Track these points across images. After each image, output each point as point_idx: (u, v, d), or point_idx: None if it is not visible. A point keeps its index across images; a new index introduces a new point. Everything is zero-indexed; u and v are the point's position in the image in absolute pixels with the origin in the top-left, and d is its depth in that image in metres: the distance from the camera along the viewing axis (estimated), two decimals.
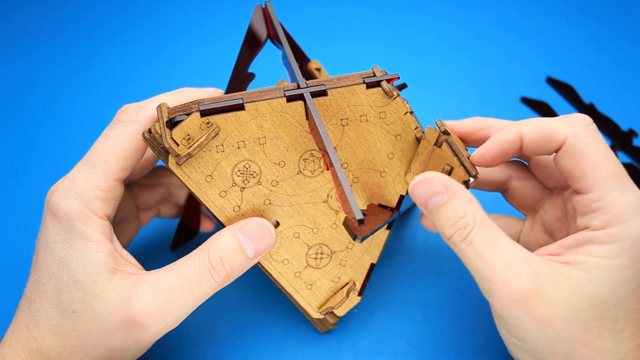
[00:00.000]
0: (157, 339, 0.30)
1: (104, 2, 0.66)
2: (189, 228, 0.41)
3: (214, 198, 0.30)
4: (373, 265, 0.36)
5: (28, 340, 0.29)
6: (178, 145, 0.28)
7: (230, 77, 0.36)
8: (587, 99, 0.53)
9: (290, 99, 0.29)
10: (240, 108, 0.29)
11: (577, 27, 0.60)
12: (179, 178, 0.29)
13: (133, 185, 0.38)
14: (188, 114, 0.28)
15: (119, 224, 0.37)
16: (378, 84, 0.31)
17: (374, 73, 0.31)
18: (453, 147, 0.30)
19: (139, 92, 0.55)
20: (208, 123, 0.28)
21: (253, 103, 0.29)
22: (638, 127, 0.51)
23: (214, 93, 0.33)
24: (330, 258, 0.34)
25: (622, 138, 0.49)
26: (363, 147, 0.32)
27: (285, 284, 0.34)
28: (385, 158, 0.33)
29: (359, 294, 0.36)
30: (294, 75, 0.31)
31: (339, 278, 0.35)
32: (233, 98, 0.29)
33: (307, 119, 0.30)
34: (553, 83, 0.55)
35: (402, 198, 0.34)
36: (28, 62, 0.59)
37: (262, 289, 0.40)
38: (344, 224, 0.29)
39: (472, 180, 0.30)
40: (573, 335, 0.26)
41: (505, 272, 0.26)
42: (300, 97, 0.30)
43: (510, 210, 0.37)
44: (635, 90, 0.54)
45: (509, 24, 0.61)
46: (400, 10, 0.63)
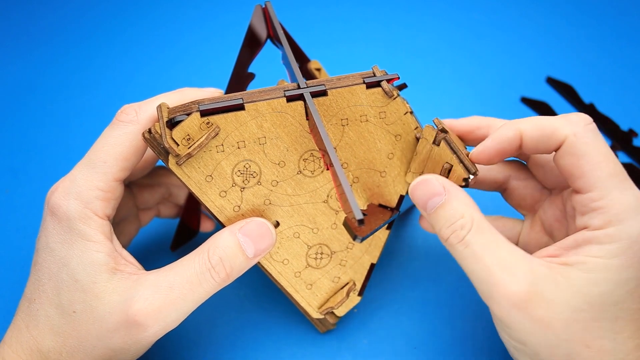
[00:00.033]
0: (157, 339, 0.30)
1: (104, 2, 0.66)
2: (189, 228, 0.41)
3: (214, 198, 0.30)
4: (373, 265, 0.36)
5: (28, 340, 0.29)
6: (178, 145, 0.28)
7: (230, 77, 0.36)
8: (587, 99, 0.53)
9: (290, 99, 0.29)
10: (240, 108, 0.29)
11: (577, 27, 0.60)
12: (179, 178, 0.29)
13: (133, 185, 0.38)
14: (188, 114, 0.28)
15: (119, 224, 0.37)
16: (378, 84, 0.31)
17: (374, 73, 0.31)
18: (451, 144, 0.30)
19: (139, 92, 0.55)
20: (208, 123, 0.28)
21: (253, 103, 0.29)
22: (638, 127, 0.51)
23: (214, 93, 0.33)
24: (330, 258, 0.34)
25: (622, 138, 0.49)
26: (363, 147, 0.32)
27: (285, 284, 0.34)
28: (385, 158, 0.33)
29: (359, 294, 0.36)
30: (294, 75, 0.31)
31: (339, 278, 0.35)
32: (233, 98, 0.29)
33: (307, 119, 0.30)
34: (553, 83, 0.55)
35: (402, 198, 0.34)
36: (28, 62, 0.59)
37: (262, 289, 0.40)
38: (344, 224, 0.29)
39: (471, 178, 0.30)
40: (573, 336, 0.26)
41: (504, 274, 0.26)
42: (300, 97, 0.30)
43: (510, 210, 0.37)
44: (635, 90, 0.54)
45: (509, 24, 0.61)
46: (400, 10, 0.63)
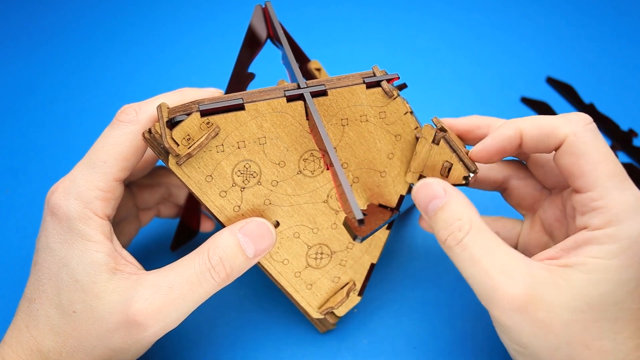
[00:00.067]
0: (157, 339, 0.30)
1: (104, 2, 0.66)
2: (189, 228, 0.41)
3: (214, 198, 0.30)
4: (373, 265, 0.36)
5: (28, 340, 0.29)
6: (178, 145, 0.28)
7: (230, 77, 0.36)
8: (587, 99, 0.53)
9: (290, 99, 0.29)
10: (240, 108, 0.29)
11: (577, 27, 0.60)
12: (179, 178, 0.29)
13: (133, 185, 0.38)
14: (188, 114, 0.28)
15: (119, 224, 0.37)
16: (378, 84, 0.31)
17: (374, 73, 0.31)
18: (451, 143, 0.30)
19: (139, 92, 0.55)
20: (208, 123, 0.28)
21: (253, 103, 0.29)
22: (638, 127, 0.51)
23: (214, 93, 0.33)
24: (330, 258, 0.34)
25: (622, 138, 0.49)
26: (363, 147, 0.32)
27: (285, 284, 0.34)
28: (385, 158, 0.33)
29: (359, 294, 0.36)
30: (294, 75, 0.31)
31: (339, 278, 0.35)
32: (233, 98, 0.29)
33: (307, 119, 0.30)
34: (553, 83, 0.55)
35: (402, 198, 0.34)
36: (28, 62, 0.59)
37: (262, 289, 0.40)
38: (344, 224, 0.29)
39: (472, 176, 0.30)
40: (573, 338, 0.26)
41: (503, 278, 0.26)
42: (300, 97, 0.30)
43: (509, 211, 0.37)
44: (635, 90, 0.54)
45: (509, 24, 0.61)
46: (400, 10, 0.63)
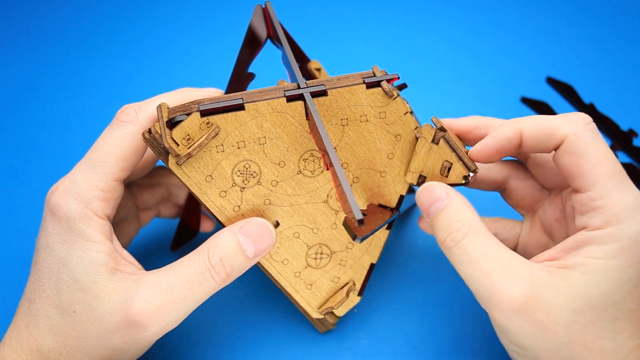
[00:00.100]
0: (157, 339, 0.30)
1: (104, 2, 0.66)
2: (189, 228, 0.41)
3: (214, 198, 0.30)
4: (373, 265, 0.36)
5: (28, 340, 0.29)
6: (178, 145, 0.28)
7: (230, 77, 0.36)
8: (587, 99, 0.53)
9: (290, 99, 0.29)
10: (240, 108, 0.29)
11: (577, 27, 0.60)
12: (179, 178, 0.29)
13: (133, 185, 0.38)
14: (188, 114, 0.28)
15: (119, 224, 0.37)
16: (378, 84, 0.31)
17: (374, 73, 0.31)
18: (450, 142, 0.30)
19: (139, 92, 0.55)
20: (208, 123, 0.28)
21: (253, 103, 0.29)
22: (638, 127, 0.51)
23: (214, 93, 0.33)
24: (330, 258, 0.34)
25: (622, 138, 0.49)
26: (363, 147, 0.32)
27: (285, 284, 0.34)
28: (385, 158, 0.33)
29: (359, 294, 0.36)
30: (294, 75, 0.31)
31: (339, 278, 0.35)
32: (233, 98, 0.29)
33: (307, 119, 0.30)
34: (553, 83, 0.55)
35: (402, 198, 0.34)
36: (28, 62, 0.59)
37: (262, 289, 0.40)
38: (344, 224, 0.29)
39: (472, 175, 0.30)
40: (573, 338, 0.26)
41: (502, 279, 0.26)
42: (300, 97, 0.30)
43: (509, 211, 0.37)
44: (635, 90, 0.54)
45: (509, 24, 0.61)
46: (400, 10, 0.63)
